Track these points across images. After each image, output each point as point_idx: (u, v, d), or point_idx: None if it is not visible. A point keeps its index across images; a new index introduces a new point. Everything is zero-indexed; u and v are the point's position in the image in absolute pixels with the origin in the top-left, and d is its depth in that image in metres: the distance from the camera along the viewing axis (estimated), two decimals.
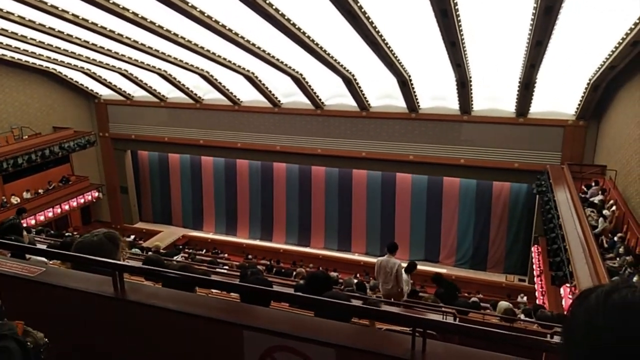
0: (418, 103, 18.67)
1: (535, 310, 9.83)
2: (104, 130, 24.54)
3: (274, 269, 17.15)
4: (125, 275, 2.49)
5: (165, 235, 23.99)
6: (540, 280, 15.62)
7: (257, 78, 19.04)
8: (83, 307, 2.45)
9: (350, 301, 3.30)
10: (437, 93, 18.32)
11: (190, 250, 21.00)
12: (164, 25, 14.62)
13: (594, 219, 11.88)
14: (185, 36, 15.34)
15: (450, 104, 18.43)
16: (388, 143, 19.96)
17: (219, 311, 2.31)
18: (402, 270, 8.68)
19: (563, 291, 11.32)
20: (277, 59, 16.60)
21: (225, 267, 13.80)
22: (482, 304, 11.27)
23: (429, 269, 18.48)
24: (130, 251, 12.01)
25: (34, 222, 19.33)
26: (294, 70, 17.65)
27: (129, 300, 2.37)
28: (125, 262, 2.67)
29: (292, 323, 2.20)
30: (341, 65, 16.48)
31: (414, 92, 17.78)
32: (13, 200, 19.87)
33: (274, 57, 16.40)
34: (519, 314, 9.46)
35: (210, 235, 25.02)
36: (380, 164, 20.65)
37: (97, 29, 15.00)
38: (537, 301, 14.55)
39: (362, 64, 16.31)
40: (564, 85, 16.14)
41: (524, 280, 20.03)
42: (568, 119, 17.61)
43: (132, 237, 21.57)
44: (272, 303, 3.66)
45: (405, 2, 12.13)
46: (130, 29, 14.95)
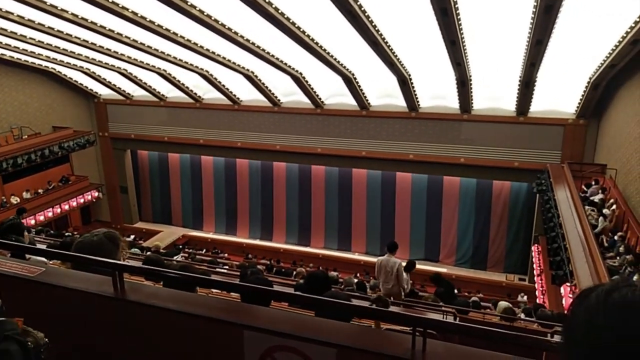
0: (418, 102, 18.66)
1: (536, 309, 9.83)
2: (104, 129, 24.54)
3: (274, 269, 17.14)
4: (125, 275, 2.49)
5: (165, 235, 23.99)
6: (541, 279, 15.62)
7: (257, 77, 19.03)
8: (83, 307, 2.45)
9: (351, 301, 3.29)
10: (437, 92, 18.32)
11: (190, 250, 21.00)
12: (164, 25, 14.61)
13: (594, 218, 11.88)
14: (184, 35, 15.33)
15: (450, 103, 18.43)
16: (388, 142, 19.96)
17: (219, 311, 2.31)
18: (403, 269, 8.67)
19: (563, 290, 11.32)
20: (277, 58, 16.60)
21: (225, 267, 13.80)
22: (483, 304, 11.27)
23: (429, 268, 18.48)
24: (130, 251, 12.01)
25: (33, 222, 19.33)
26: (294, 69, 17.64)
27: (129, 300, 2.37)
28: (125, 262, 2.66)
29: (293, 323, 2.20)
30: (341, 64, 16.48)
31: (414, 91, 17.78)
32: (13, 200, 19.87)
33: (274, 57, 16.40)
34: (519, 313, 9.46)
35: (210, 235, 25.02)
36: (380, 163, 20.65)
37: (97, 28, 15.00)
38: (538, 300, 14.55)
39: (362, 63, 16.31)
40: (564, 84, 16.14)
41: (524, 280, 20.04)
42: (568, 117, 17.61)
43: (132, 237, 21.57)
44: (273, 303, 3.66)
45: (405, 1, 12.12)
46: (130, 28, 14.94)
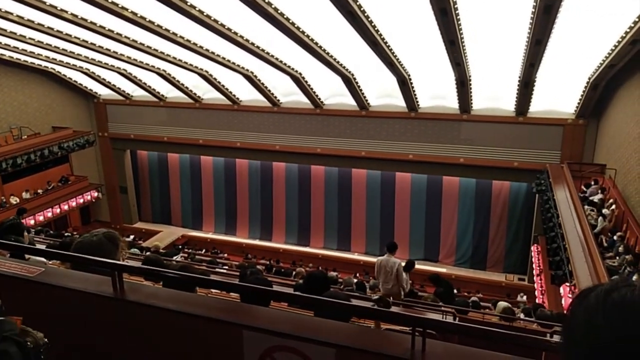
0: (417, 102, 18.67)
1: (535, 309, 9.83)
2: (103, 130, 24.53)
3: (274, 269, 17.14)
4: (125, 276, 2.49)
5: (165, 235, 23.97)
6: (540, 279, 15.62)
7: (257, 77, 19.03)
8: (82, 307, 2.45)
9: (350, 301, 3.29)
10: (437, 92, 18.32)
11: (190, 250, 21.00)
12: (163, 25, 14.61)
13: (594, 218, 11.89)
14: (184, 35, 15.33)
15: (449, 103, 18.43)
16: (387, 142, 19.96)
17: (219, 311, 2.31)
18: (404, 270, 8.68)
19: (563, 290, 11.33)
20: (277, 59, 16.59)
21: (224, 267, 13.80)
22: (482, 304, 11.28)
23: (428, 268, 18.50)
24: (130, 251, 12.01)
25: (33, 223, 19.31)
26: (294, 69, 17.64)
27: (129, 300, 2.37)
28: (124, 262, 2.66)
29: (292, 323, 2.20)
30: (341, 64, 16.48)
31: (414, 91, 17.78)
32: (12, 201, 19.85)
33: (274, 57, 16.39)
34: (518, 313, 9.47)
35: (210, 235, 25.01)
36: (380, 163, 20.65)
37: (96, 29, 14.99)
38: (537, 300, 14.56)
39: (362, 63, 16.31)
40: (564, 84, 16.14)
41: (523, 280, 20.04)
42: (567, 117, 17.61)
43: (132, 237, 21.56)
44: (272, 303, 3.66)
45: (405, 1, 12.12)
46: (129, 29, 14.93)
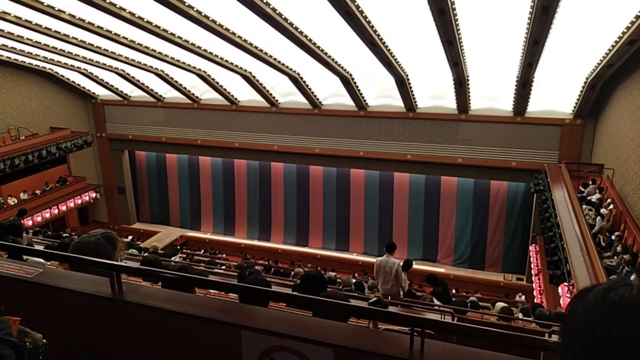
0: (415, 102, 18.68)
1: (534, 309, 9.84)
2: (101, 130, 24.50)
3: (272, 269, 17.14)
4: (123, 276, 2.48)
5: (163, 236, 23.96)
6: (538, 279, 15.65)
7: (255, 78, 19.02)
8: (81, 308, 2.45)
9: (349, 301, 3.29)
10: (435, 92, 18.34)
11: (188, 251, 20.98)
12: (161, 25, 14.59)
13: (592, 218, 11.92)
14: (182, 36, 15.32)
15: (447, 103, 18.45)
16: (386, 142, 19.98)
17: (217, 311, 2.31)
18: (402, 269, 8.69)
19: (561, 290, 11.35)
20: (275, 59, 16.59)
21: (222, 267, 13.79)
22: (481, 304, 11.29)
23: (427, 268, 18.50)
24: (128, 252, 12.00)
25: (31, 223, 19.27)
26: (292, 69, 17.64)
27: (127, 301, 2.36)
28: (122, 263, 2.66)
29: (290, 323, 2.20)
30: (339, 64, 16.48)
31: (412, 92, 17.80)
32: (10, 202, 19.81)
33: (272, 57, 16.39)
34: (517, 313, 9.48)
35: (208, 236, 25.00)
36: (378, 163, 20.67)
37: (94, 29, 14.97)
38: (535, 300, 14.58)
39: (360, 64, 16.31)
40: (561, 84, 16.17)
41: (522, 279, 20.08)
42: (565, 117, 17.65)
43: (130, 238, 21.55)
44: (271, 303, 3.66)
45: (403, 2, 12.13)
46: (127, 29, 14.92)
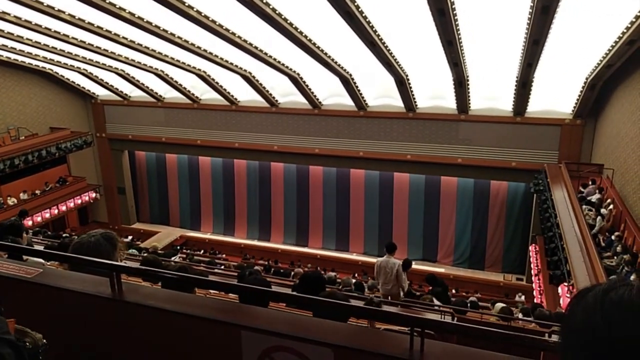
0: (415, 102, 18.69)
1: (534, 309, 9.85)
2: (101, 130, 24.50)
3: (272, 269, 17.14)
4: (123, 276, 2.48)
5: (163, 236, 23.95)
6: (538, 279, 15.65)
7: (255, 78, 19.02)
8: (80, 308, 2.45)
9: (349, 301, 3.29)
10: (435, 92, 18.34)
11: (188, 251, 20.98)
12: (161, 25, 14.59)
13: (592, 218, 11.92)
14: (182, 36, 15.31)
15: (447, 103, 18.45)
16: (386, 142, 19.98)
17: (217, 312, 2.31)
18: (402, 269, 8.69)
19: (561, 290, 11.36)
20: (275, 59, 16.59)
21: (221, 267, 13.78)
22: (480, 304, 11.29)
23: (427, 268, 18.51)
24: (128, 252, 11.99)
25: (31, 223, 19.26)
26: (292, 70, 17.64)
27: (127, 301, 2.36)
28: (122, 263, 2.66)
29: (290, 323, 2.20)
30: (339, 64, 16.48)
31: (412, 92, 17.80)
32: (10, 202, 19.80)
33: (272, 57, 16.39)
34: (516, 313, 9.48)
35: (208, 236, 24.99)
36: (378, 163, 20.67)
37: (94, 29, 14.97)
38: (535, 300, 14.58)
39: (360, 64, 16.31)
40: (561, 84, 16.18)
41: (521, 280, 20.08)
42: (565, 117, 17.65)
43: (130, 238, 21.55)
44: (271, 303, 3.66)
45: (403, 2, 12.13)
46: (127, 29, 14.91)
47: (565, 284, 10.57)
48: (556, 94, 16.94)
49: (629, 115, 13.10)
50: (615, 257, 10.16)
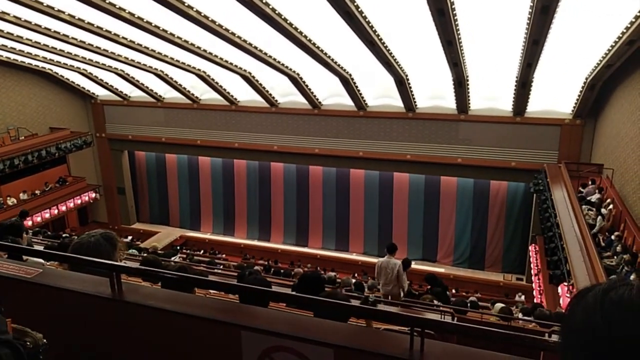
0: (415, 102, 18.69)
1: (534, 309, 9.85)
2: (101, 130, 24.49)
3: (272, 269, 17.13)
4: (123, 276, 2.48)
5: (163, 236, 23.95)
6: (538, 279, 15.65)
7: (254, 78, 19.02)
8: (80, 308, 2.45)
9: (350, 301, 3.29)
10: (434, 92, 18.34)
11: (188, 251, 20.97)
12: (161, 25, 14.59)
13: (592, 218, 11.92)
14: (181, 36, 15.31)
15: (447, 103, 18.45)
16: (385, 142, 19.98)
17: (217, 312, 2.31)
18: (404, 271, 8.70)
19: (561, 290, 11.36)
20: (274, 59, 16.59)
21: (220, 267, 13.78)
22: (480, 304, 11.29)
23: (427, 268, 18.51)
24: (128, 252, 11.99)
25: (31, 224, 19.24)
26: (291, 69, 17.64)
27: (127, 301, 2.36)
28: (122, 263, 2.66)
29: (290, 323, 2.20)
30: (338, 64, 16.48)
31: (411, 92, 17.80)
32: (9, 202, 19.79)
33: (271, 57, 16.39)
34: (516, 313, 9.48)
35: (208, 236, 24.99)
36: (378, 163, 20.67)
37: (94, 29, 14.97)
38: (535, 300, 14.58)
39: (360, 64, 16.31)
40: (561, 84, 16.18)
41: (521, 279, 20.08)
42: (565, 117, 17.66)
43: (130, 238, 21.54)
44: (272, 303, 3.66)
45: (402, 2, 12.14)
46: (127, 29, 14.91)
47: (565, 283, 10.57)
48: (556, 94, 16.95)
49: (629, 115, 13.11)
50: (615, 257, 10.16)
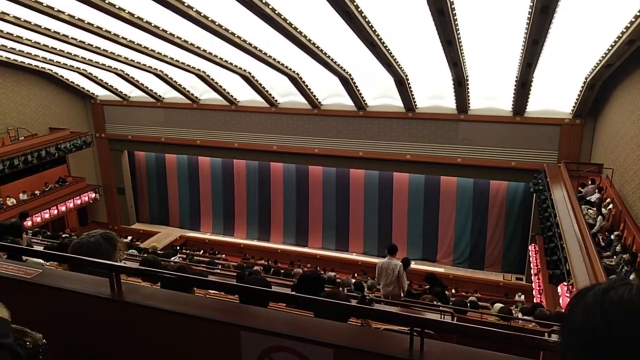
0: (415, 102, 18.69)
1: (534, 309, 9.85)
2: (101, 130, 24.49)
3: (272, 269, 17.13)
4: (122, 277, 2.48)
5: (163, 236, 23.95)
6: (538, 278, 15.65)
7: (254, 78, 19.01)
8: (80, 309, 2.44)
9: (350, 301, 3.29)
10: (434, 92, 18.35)
11: (188, 251, 20.96)
12: (160, 25, 14.59)
13: (591, 217, 11.92)
14: (181, 36, 15.31)
15: (447, 103, 18.46)
16: (385, 142, 19.98)
17: (217, 312, 2.30)
18: (404, 271, 8.70)
19: (560, 289, 11.36)
20: (274, 59, 16.59)
21: (219, 267, 13.77)
22: (480, 303, 11.29)
23: (426, 268, 18.50)
24: (128, 252, 11.99)
25: (30, 224, 19.24)
26: (291, 69, 17.64)
27: (126, 301, 2.36)
28: (122, 264, 2.66)
29: (290, 323, 2.19)
30: (338, 64, 16.48)
31: (411, 92, 17.80)
32: (9, 202, 19.79)
33: (271, 57, 16.39)
34: (516, 313, 9.48)
35: (208, 236, 24.99)
36: (378, 163, 20.66)
37: (93, 30, 14.97)
38: (535, 300, 14.59)
39: (359, 64, 16.31)
40: (561, 84, 16.19)
41: (521, 279, 20.08)
42: (565, 117, 17.66)
43: (129, 238, 21.53)
44: (271, 304, 3.65)
45: (402, 2, 12.14)
46: (126, 29, 14.91)
47: (565, 283, 10.57)
48: (556, 93, 16.95)
49: (629, 115, 13.11)
50: (614, 257, 10.17)
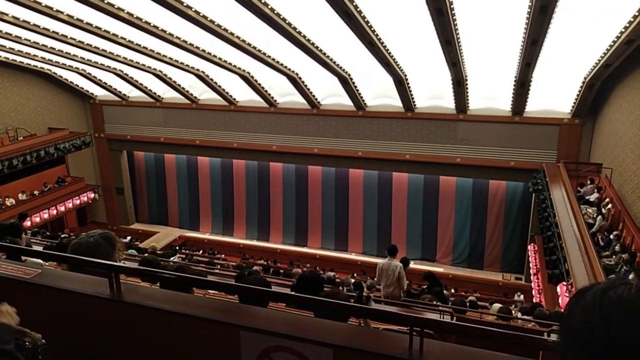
0: (414, 102, 18.69)
1: (534, 308, 9.86)
2: (100, 130, 24.47)
3: (271, 269, 17.12)
4: (122, 277, 2.48)
5: (162, 236, 23.92)
6: (537, 278, 15.66)
7: (253, 78, 19.00)
8: (79, 309, 2.44)
9: (350, 301, 3.30)
10: (433, 92, 18.35)
11: (187, 251, 20.95)
12: (159, 25, 14.57)
13: (591, 217, 11.93)
14: (180, 36, 15.30)
15: (446, 103, 18.46)
16: (384, 142, 19.98)
17: (216, 312, 2.30)
18: (404, 272, 8.71)
19: (559, 289, 11.37)
20: (273, 59, 16.58)
21: (218, 267, 13.75)
22: (479, 303, 11.30)
23: (426, 268, 18.49)
24: (127, 252, 11.98)
25: (29, 224, 19.21)
26: (290, 69, 17.64)
27: (126, 301, 2.36)
28: (121, 264, 2.66)
29: (289, 323, 2.20)
30: (337, 64, 16.47)
31: (410, 92, 17.80)
32: (8, 202, 19.76)
33: (270, 57, 16.38)
34: (515, 313, 9.49)
35: (207, 236, 24.97)
36: (377, 163, 20.66)
37: (92, 29, 14.95)
38: (534, 299, 14.59)
39: (358, 64, 16.31)
40: (560, 84, 16.19)
41: (520, 279, 20.09)
42: (564, 117, 17.67)
43: (129, 238, 21.52)
44: (271, 303, 3.65)
45: (401, 2, 12.14)
46: (125, 29, 14.89)
47: (564, 283, 10.58)
48: (555, 93, 16.96)
49: (627, 115, 13.12)
50: (613, 256, 10.17)
